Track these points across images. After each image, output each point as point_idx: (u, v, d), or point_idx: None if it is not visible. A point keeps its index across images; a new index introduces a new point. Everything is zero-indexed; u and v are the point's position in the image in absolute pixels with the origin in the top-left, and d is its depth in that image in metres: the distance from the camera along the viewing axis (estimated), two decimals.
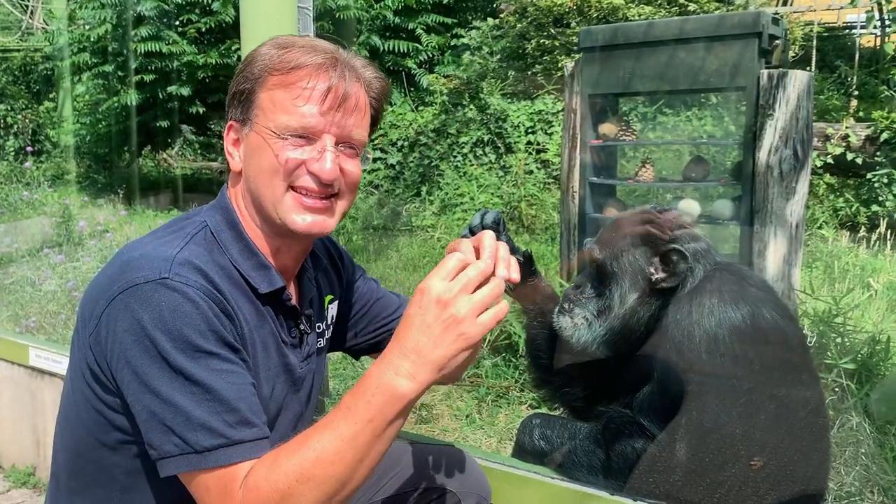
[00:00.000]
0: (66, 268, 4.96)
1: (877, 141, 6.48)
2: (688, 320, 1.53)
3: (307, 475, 0.98)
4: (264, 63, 1.18)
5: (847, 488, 2.31)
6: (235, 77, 1.22)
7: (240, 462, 1.03)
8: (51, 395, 2.68)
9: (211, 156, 15.06)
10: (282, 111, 1.15)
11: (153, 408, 1.03)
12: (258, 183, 1.18)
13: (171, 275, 1.06)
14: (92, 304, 1.12)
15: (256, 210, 1.22)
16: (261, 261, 1.21)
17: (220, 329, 1.07)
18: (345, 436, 0.98)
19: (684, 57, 3.73)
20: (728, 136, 6.75)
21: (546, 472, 1.68)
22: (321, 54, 1.17)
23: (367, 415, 0.98)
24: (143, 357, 1.04)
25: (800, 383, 1.60)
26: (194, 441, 1.02)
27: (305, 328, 1.31)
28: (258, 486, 1.00)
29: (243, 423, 1.05)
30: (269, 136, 1.16)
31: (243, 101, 1.20)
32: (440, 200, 7.71)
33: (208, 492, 1.03)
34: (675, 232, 1.62)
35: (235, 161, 1.23)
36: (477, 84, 8.72)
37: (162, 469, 1.04)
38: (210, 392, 1.03)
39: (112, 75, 9.96)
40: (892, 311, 4.02)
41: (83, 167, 11.48)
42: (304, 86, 1.15)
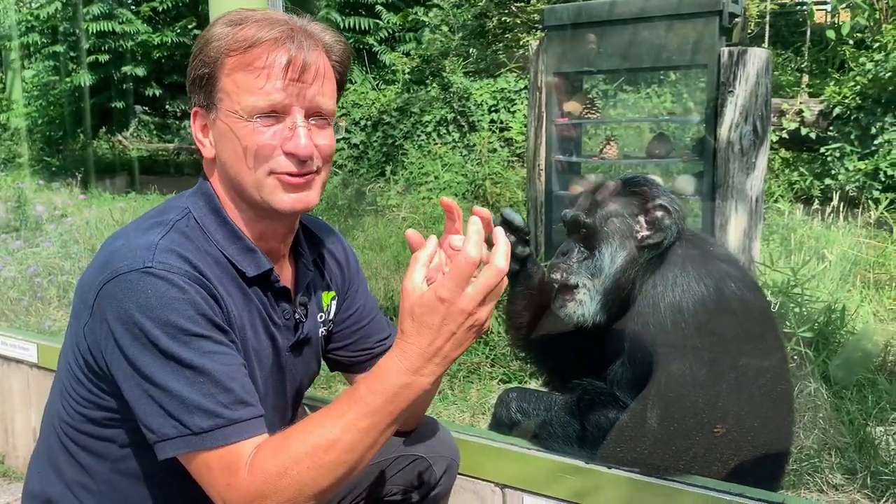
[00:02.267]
0: (26, 253, 4.86)
1: (829, 116, 6.65)
2: (653, 292, 1.59)
3: (318, 461, 1.01)
4: (220, 44, 1.14)
5: (806, 451, 2.41)
6: (192, 61, 1.18)
7: (238, 441, 1.04)
8: (18, 382, 2.65)
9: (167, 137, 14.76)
10: (246, 92, 1.13)
11: (149, 393, 1.04)
12: (236, 169, 1.17)
13: (155, 262, 1.07)
14: (84, 295, 1.13)
15: (238, 195, 1.20)
16: (246, 244, 1.21)
17: (207, 312, 1.08)
18: (362, 427, 1.02)
19: (647, 35, 3.79)
20: (687, 113, 6.86)
21: (523, 444, 1.71)
22: (277, 27, 1.14)
23: (387, 408, 1.02)
24: (134, 345, 1.05)
25: (762, 352, 1.67)
26: (192, 423, 1.03)
27: (301, 315, 1.31)
28: (264, 467, 1.02)
29: (238, 402, 1.06)
30: (238, 121, 1.14)
31: (204, 86, 1.17)
32: (404, 179, 7.70)
33: (209, 470, 1.04)
34: (657, 190, 1.67)
35: (207, 148, 1.21)
36: (439, 62, 8.69)
37: (160, 452, 1.06)
38: (203, 374, 1.04)
39: (63, 56, 9.69)
40: (845, 281, 4.16)
41: (35, 150, 11.18)
42: (263, 63, 1.12)
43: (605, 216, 1.67)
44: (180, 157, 13.19)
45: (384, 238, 5.89)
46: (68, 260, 4.72)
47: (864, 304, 3.82)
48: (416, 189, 7.39)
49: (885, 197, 6.04)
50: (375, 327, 1.51)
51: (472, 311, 1.00)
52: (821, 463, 2.36)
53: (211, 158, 1.22)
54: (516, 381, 3.15)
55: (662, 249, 1.64)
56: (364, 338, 1.49)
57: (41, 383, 2.54)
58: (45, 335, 3.03)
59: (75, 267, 4.63)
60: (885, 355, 3.04)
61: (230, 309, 1.16)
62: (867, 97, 6.46)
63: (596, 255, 1.66)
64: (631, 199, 1.67)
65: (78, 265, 4.65)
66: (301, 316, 1.32)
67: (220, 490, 1.04)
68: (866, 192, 6.20)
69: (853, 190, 6.25)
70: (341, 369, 1.54)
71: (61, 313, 4.14)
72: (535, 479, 1.62)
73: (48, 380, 2.48)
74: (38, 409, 2.55)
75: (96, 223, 5.99)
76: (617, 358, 1.66)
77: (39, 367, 2.52)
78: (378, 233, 6.08)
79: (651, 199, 1.65)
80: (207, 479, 1.05)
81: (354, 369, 1.51)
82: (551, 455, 1.65)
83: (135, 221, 1.21)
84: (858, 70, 6.62)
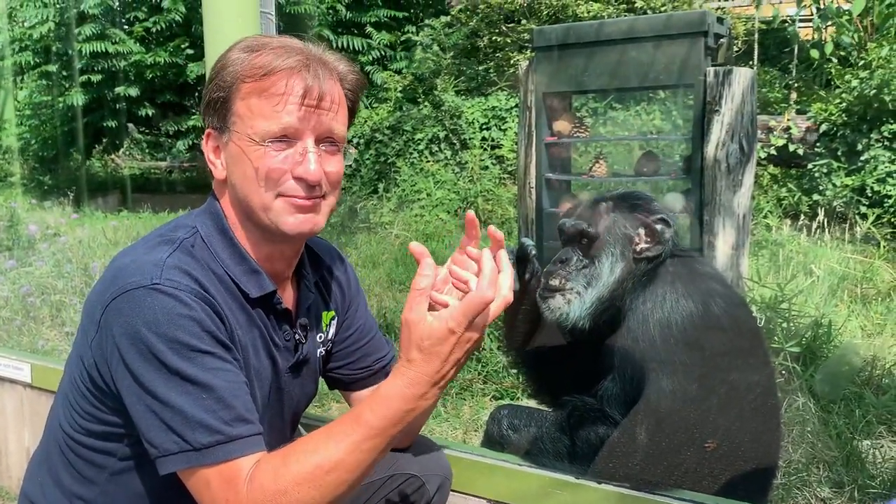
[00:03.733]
0: (19, 273, 4.86)
1: (816, 132, 6.73)
2: (643, 308, 1.62)
3: (319, 482, 1.04)
4: (236, 70, 1.17)
5: (794, 465, 2.44)
6: (208, 85, 1.22)
7: (238, 457, 1.06)
8: (11, 402, 2.65)
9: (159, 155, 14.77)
10: (260, 117, 1.15)
11: (152, 408, 1.06)
12: (245, 191, 1.19)
13: (163, 280, 1.09)
14: (91, 311, 1.16)
15: (246, 216, 1.23)
16: (251, 266, 1.23)
17: (212, 329, 1.10)
18: (364, 448, 1.05)
19: (634, 55, 3.84)
20: (676, 131, 6.93)
21: (514, 460, 1.73)
22: (293, 55, 1.17)
23: (390, 430, 1.06)
24: (139, 360, 1.07)
25: (750, 368, 1.70)
26: (193, 439, 1.05)
27: (301, 336, 1.33)
28: (263, 484, 1.04)
29: (239, 419, 1.08)
30: (249, 144, 1.16)
31: (218, 109, 1.20)
32: (397, 197, 7.74)
33: (208, 486, 1.06)
34: (657, 205, 1.72)
35: (219, 170, 1.24)
36: (430, 81, 8.76)
37: (162, 467, 1.08)
38: (207, 390, 1.06)
39: (56, 75, 9.72)
40: (833, 296, 4.21)
41: (27, 169, 11.18)
42: (279, 90, 1.15)
43: (605, 226, 1.70)
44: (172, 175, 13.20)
45: (377, 255, 5.92)
46: (61, 279, 4.72)
47: (852, 319, 3.87)
48: (409, 206, 7.43)
49: (872, 212, 6.11)
50: (374, 346, 1.53)
51: (478, 337, 1.07)
52: (809, 477, 2.39)
53: (222, 179, 1.24)
54: (508, 397, 3.17)
55: (657, 263, 1.67)
56: (364, 356, 1.51)
57: (35, 403, 2.54)
58: (38, 355, 3.03)
59: (68, 286, 4.63)
60: (871, 369, 3.08)
61: (234, 328, 1.18)
62: (853, 114, 6.54)
63: (595, 265, 1.69)
64: (632, 212, 1.71)
65: (71, 284, 4.65)
66: (301, 337, 1.34)
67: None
68: (853, 207, 6.27)
69: (840, 206, 6.31)
70: (340, 387, 1.56)
71: (54, 333, 4.15)
72: (526, 495, 1.64)
73: (42, 399, 2.49)
74: (31, 429, 2.55)
75: (89, 242, 5.99)
76: (607, 374, 1.69)
77: (33, 388, 2.53)
78: (371, 250, 6.11)
79: (651, 212, 1.69)
80: (207, 496, 1.07)
81: (353, 387, 1.53)
82: (542, 471, 1.66)
83: (144, 238, 1.23)
84: (844, 87, 6.70)
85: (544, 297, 1.72)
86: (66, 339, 4.03)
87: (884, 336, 3.71)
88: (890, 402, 2.81)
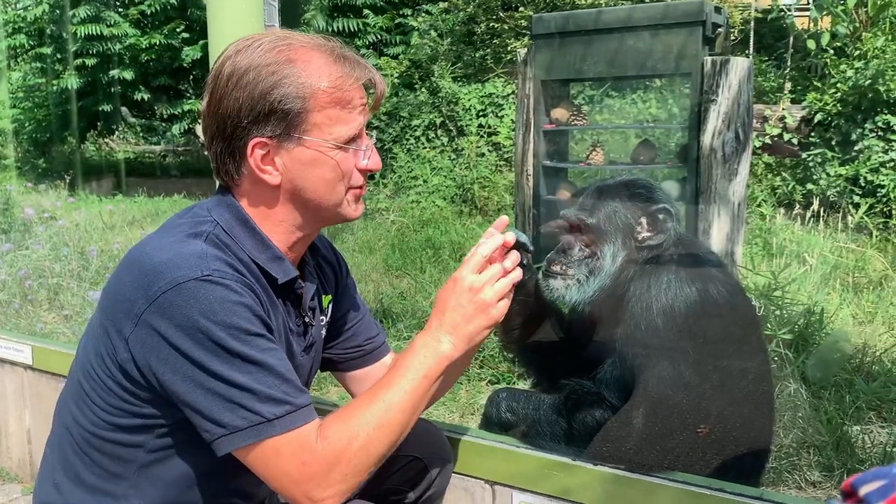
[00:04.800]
0: (16, 256, 4.86)
1: (811, 122, 6.76)
2: (647, 294, 1.63)
3: (383, 422, 1.18)
4: (313, 82, 1.19)
5: (785, 450, 2.48)
6: (264, 94, 1.18)
7: (305, 424, 1.14)
8: (12, 384, 2.67)
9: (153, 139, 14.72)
10: (340, 124, 1.21)
11: (217, 390, 1.11)
12: (321, 192, 1.24)
13: (212, 271, 1.13)
14: (125, 304, 1.16)
15: (303, 213, 1.27)
16: (274, 253, 1.26)
17: (261, 313, 1.16)
18: (406, 389, 1.21)
19: (632, 44, 3.86)
20: (672, 119, 6.96)
21: (512, 442, 1.75)
22: (361, 66, 1.24)
23: (422, 371, 1.22)
24: (198, 348, 1.10)
25: (748, 355, 1.72)
26: (264, 411, 1.11)
27: (310, 320, 1.37)
28: (338, 434, 1.15)
29: (299, 390, 1.16)
30: (330, 150, 1.22)
31: (286, 118, 1.19)
32: (394, 183, 7.75)
33: (278, 454, 1.12)
34: (659, 193, 1.73)
35: (273, 176, 1.23)
36: (427, 67, 8.74)
37: (225, 446, 1.12)
38: (266, 369, 1.13)
39: (50, 58, 9.66)
40: (825, 285, 4.25)
41: (22, 152, 11.13)
42: (357, 100, 1.23)
43: (607, 215, 1.70)
44: (167, 159, 13.17)
45: (373, 241, 5.94)
46: (58, 262, 4.73)
47: (843, 307, 3.92)
48: (405, 193, 7.45)
49: (865, 202, 6.15)
50: (364, 326, 1.57)
51: (477, 288, 1.26)
52: (799, 461, 2.43)
53: (275, 185, 1.24)
54: (504, 382, 3.20)
55: (660, 251, 1.68)
56: (354, 336, 1.56)
57: (36, 385, 2.56)
58: (38, 337, 3.05)
59: (65, 270, 4.64)
60: (862, 356, 3.13)
61: (270, 311, 1.23)
62: (848, 104, 6.57)
63: (597, 254, 1.69)
64: (633, 201, 1.72)
65: (68, 268, 4.66)
66: (310, 321, 1.38)
67: (291, 472, 1.13)
68: (846, 197, 6.31)
69: (834, 195, 6.36)
70: (332, 368, 1.59)
71: (52, 316, 4.16)
72: (524, 476, 1.67)
73: (43, 381, 2.51)
74: (32, 411, 2.57)
75: (85, 226, 5.99)
76: (606, 358, 1.71)
77: (34, 369, 2.54)
78: (367, 236, 6.12)
79: (653, 201, 1.70)
80: (275, 465, 1.13)
81: (344, 367, 1.57)
82: (540, 453, 1.68)
83: (164, 232, 1.25)
84: (839, 77, 6.73)
85: (546, 276, 1.73)
86: (65, 322, 4.04)
87: (874, 324, 3.76)
88: (879, 389, 2.86)
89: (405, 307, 4.06)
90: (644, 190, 1.74)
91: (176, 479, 1.24)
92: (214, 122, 1.22)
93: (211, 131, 1.24)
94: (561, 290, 1.71)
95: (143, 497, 1.25)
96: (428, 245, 5.66)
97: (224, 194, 1.29)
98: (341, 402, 2.08)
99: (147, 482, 1.24)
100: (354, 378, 1.57)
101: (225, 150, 1.23)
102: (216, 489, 1.27)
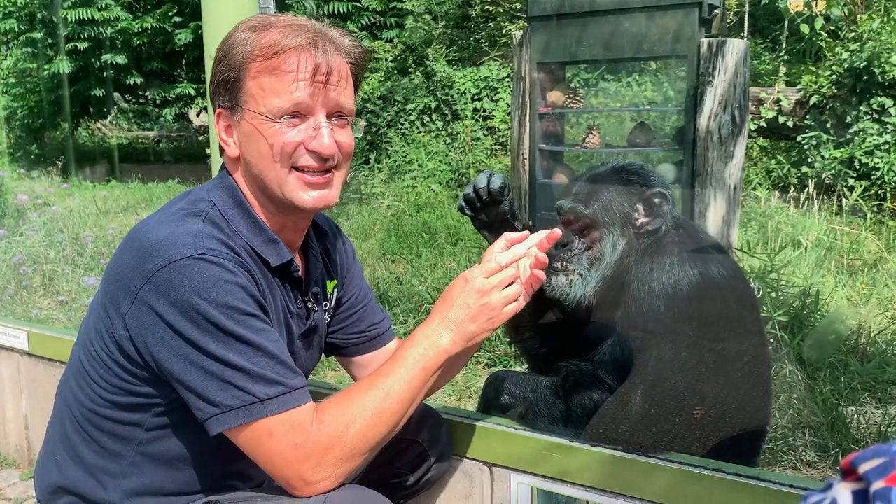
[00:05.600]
0: (10, 242, 4.84)
1: (806, 105, 6.75)
2: (649, 277, 1.62)
3: (380, 409, 1.17)
4: (245, 49, 1.20)
5: (781, 430, 2.50)
6: (216, 65, 1.24)
7: (298, 406, 1.13)
8: (8, 370, 2.67)
9: (146, 125, 14.64)
10: (272, 95, 1.19)
11: (209, 369, 1.10)
12: (260, 167, 1.23)
13: (206, 249, 1.13)
14: (123, 282, 1.16)
15: (261, 191, 1.26)
16: (269, 236, 1.26)
17: (255, 293, 1.16)
18: (405, 378, 1.20)
19: (628, 26, 3.84)
20: (667, 102, 6.94)
21: (510, 424, 1.76)
22: (301, 34, 1.20)
23: (422, 362, 1.22)
24: (192, 327, 1.10)
25: (747, 337, 1.72)
26: (257, 391, 1.10)
27: (313, 305, 1.37)
28: (335, 418, 1.14)
29: (293, 372, 1.15)
30: (263, 122, 1.20)
31: (229, 89, 1.22)
32: (388, 168, 7.73)
33: (271, 436, 1.11)
34: (653, 177, 1.73)
35: (232, 148, 1.26)
36: (422, 50, 8.69)
37: (217, 425, 1.11)
38: (259, 349, 1.12)
39: (42, 43, 9.57)
40: (820, 267, 4.27)
41: (13, 138, 11.06)
42: (289, 68, 1.18)
43: (603, 205, 1.69)
44: (160, 144, 13.10)
45: (369, 226, 5.93)
46: (53, 248, 4.71)
47: (838, 289, 3.93)
48: (401, 177, 7.43)
49: (860, 185, 6.16)
50: (369, 312, 1.57)
51: (485, 291, 1.26)
52: (795, 441, 2.45)
53: (235, 157, 1.27)
54: (502, 365, 3.21)
55: (659, 235, 1.68)
56: (358, 321, 1.55)
57: (32, 371, 2.56)
58: (34, 323, 3.04)
59: (60, 256, 4.63)
60: (856, 338, 3.14)
61: (265, 292, 1.22)
62: (843, 87, 6.56)
63: (597, 245, 1.69)
64: (627, 187, 1.71)
65: (63, 254, 4.65)
66: (313, 305, 1.38)
67: (283, 453, 1.11)
68: (841, 179, 6.32)
69: (829, 178, 6.36)
70: (336, 353, 1.59)
71: (47, 302, 4.15)
72: (522, 458, 1.68)
73: (39, 367, 2.51)
74: (28, 397, 2.57)
75: (80, 212, 5.97)
76: (604, 340, 1.71)
77: (30, 355, 2.54)
78: (363, 221, 6.12)
79: (648, 185, 1.69)
80: (268, 446, 1.12)
81: (349, 352, 1.57)
82: (537, 434, 1.69)
83: (163, 212, 1.25)
84: (834, 60, 6.72)
85: (547, 273, 1.72)
86: (60, 307, 4.03)
87: (869, 305, 3.78)
88: (874, 370, 2.88)
89: (401, 292, 4.06)
90: (637, 175, 1.73)
91: (174, 458, 1.25)
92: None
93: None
94: (564, 286, 1.70)
95: (143, 476, 1.25)
96: (424, 229, 5.66)
97: (225, 174, 1.30)
98: (339, 385, 2.09)
99: (146, 460, 1.25)
100: (358, 363, 1.58)
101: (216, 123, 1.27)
102: (215, 470, 1.27)
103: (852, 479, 0.55)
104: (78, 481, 1.28)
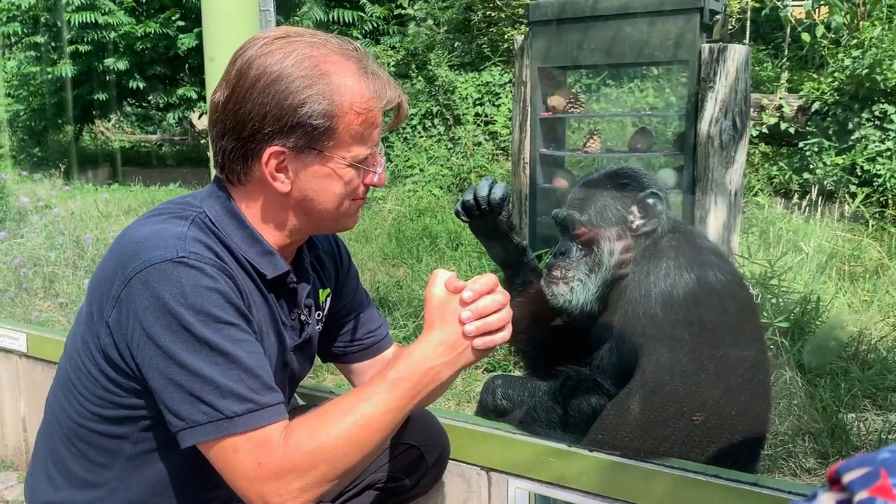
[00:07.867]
0: (11, 244, 4.84)
1: (808, 111, 6.75)
2: (645, 281, 1.63)
3: (354, 438, 1.09)
4: (344, 102, 1.15)
5: (781, 437, 2.49)
6: (294, 107, 1.14)
7: (268, 425, 1.08)
8: (7, 372, 2.66)
9: (149, 128, 14.67)
10: (361, 144, 1.19)
11: (179, 380, 1.06)
12: (327, 204, 1.22)
13: (187, 253, 1.09)
14: (106, 286, 1.14)
15: (306, 221, 1.25)
16: (265, 247, 1.23)
17: (236, 301, 1.12)
18: (391, 406, 1.11)
19: (630, 31, 3.85)
20: (669, 108, 6.94)
21: (507, 428, 1.75)
22: (392, 88, 1.21)
23: (413, 392, 1.13)
24: (166, 332, 1.07)
25: (746, 342, 1.72)
26: (224, 407, 1.06)
27: (306, 318, 1.35)
28: (302, 442, 1.07)
29: (266, 388, 1.10)
30: (345, 167, 1.19)
31: (311, 133, 1.16)
32: (390, 172, 7.73)
33: (236, 452, 1.07)
34: (646, 179, 1.73)
35: (284, 184, 1.20)
36: (424, 55, 8.71)
37: (187, 439, 1.08)
38: (234, 361, 1.08)
39: (45, 46, 9.59)
40: (821, 273, 4.26)
41: (16, 141, 11.08)
42: (380, 122, 1.20)
43: (598, 211, 1.70)
44: (163, 148, 13.13)
45: (370, 230, 5.93)
46: (54, 251, 4.71)
47: (839, 296, 3.92)
48: (402, 182, 7.43)
49: (862, 191, 6.15)
50: (365, 319, 1.54)
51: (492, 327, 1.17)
52: (794, 448, 2.44)
53: (284, 193, 1.21)
54: (500, 369, 3.21)
55: (656, 238, 1.68)
56: (354, 329, 1.52)
57: (31, 373, 2.56)
58: (33, 325, 3.04)
59: (61, 258, 4.63)
60: (857, 345, 3.13)
61: (251, 303, 1.19)
62: (844, 93, 6.56)
63: (595, 252, 1.69)
64: (621, 191, 1.71)
65: (63, 256, 4.65)
66: (306, 318, 1.35)
67: (246, 470, 1.07)
68: (843, 186, 6.31)
69: (830, 184, 6.35)
70: (333, 360, 1.57)
71: (48, 304, 4.15)
72: (519, 463, 1.67)
73: (38, 369, 2.51)
74: (27, 399, 2.57)
75: (81, 214, 5.97)
76: (602, 345, 1.71)
77: (29, 357, 2.54)
78: (364, 225, 6.11)
79: (641, 187, 1.69)
80: (233, 462, 1.07)
81: (345, 360, 1.55)
82: (536, 439, 1.68)
83: (150, 216, 1.22)
84: (836, 66, 6.72)
85: (548, 282, 1.73)
86: (60, 310, 4.03)
87: (870, 312, 3.77)
88: (875, 377, 2.87)
89: (401, 296, 4.06)
90: (630, 179, 1.73)
91: (163, 471, 1.22)
92: (233, 120, 1.17)
93: (224, 127, 1.18)
94: (566, 295, 1.70)
95: (131, 489, 1.22)
96: (425, 234, 5.65)
97: (219, 188, 1.25)
98: (338, 390, 2.08)
99: (134, 474, 1.22)
100: (355, 370, 1.55)
101: (237, 149, 1.18)
102: (203, 483, 1.23)
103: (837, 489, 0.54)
104: (68, 497, 1.25)
